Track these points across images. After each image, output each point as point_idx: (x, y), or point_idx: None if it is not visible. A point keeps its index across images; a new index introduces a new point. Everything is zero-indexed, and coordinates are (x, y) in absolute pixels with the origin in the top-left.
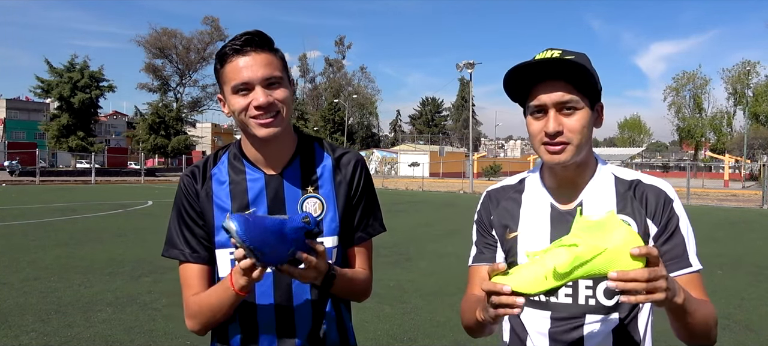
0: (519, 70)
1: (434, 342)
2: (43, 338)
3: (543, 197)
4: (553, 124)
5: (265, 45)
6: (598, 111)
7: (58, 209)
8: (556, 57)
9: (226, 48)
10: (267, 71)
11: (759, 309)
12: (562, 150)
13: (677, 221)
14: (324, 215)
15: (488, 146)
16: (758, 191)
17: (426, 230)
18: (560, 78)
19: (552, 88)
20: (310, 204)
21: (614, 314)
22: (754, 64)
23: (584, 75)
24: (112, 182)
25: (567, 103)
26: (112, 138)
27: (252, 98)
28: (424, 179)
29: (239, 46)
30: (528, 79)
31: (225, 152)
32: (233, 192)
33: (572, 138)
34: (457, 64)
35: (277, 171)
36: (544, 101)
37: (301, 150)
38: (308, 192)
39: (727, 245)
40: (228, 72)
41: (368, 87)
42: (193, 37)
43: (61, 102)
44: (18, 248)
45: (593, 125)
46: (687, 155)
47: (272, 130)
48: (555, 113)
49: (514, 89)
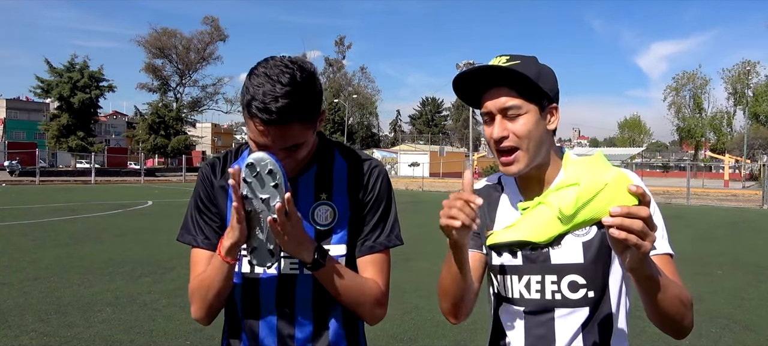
0: (463, 78)
1: (434, 342)
2: (43, 338)
3: (515, 197)
4: (498, 130)
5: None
6: (551, 112)
7: (58, 209)
8: (497, 65)
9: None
10: (288, 142)
11: (759, 309)
12: (514, 160)
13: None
14: (335, 223)
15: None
16: (758, 191)
17: (426, 230)
18: (503, 84)
19: (496, 94)
20: (321, 211)
21: (583, 308)
22: (754, 64)
23: (525, 81)
24: (112, 182)
25: (509, 110)
26: (112, 138)
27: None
28: (424, 179)
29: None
30: (478, 87)
31: (247, 149)
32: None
33: (520, 143)
34: (457, 64)
35: (293, 175)
36: (489, 108)
37: (319, 156)
38: (321, 199)
39: (727, 245)
40: (249, 123)
41: (368, 87)
42: (193, 37)
43: (61, 102)
44: (18, 248)
45: (545, 127)
46: (687, 155)
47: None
48: (500, 119)
49: (468, 97)
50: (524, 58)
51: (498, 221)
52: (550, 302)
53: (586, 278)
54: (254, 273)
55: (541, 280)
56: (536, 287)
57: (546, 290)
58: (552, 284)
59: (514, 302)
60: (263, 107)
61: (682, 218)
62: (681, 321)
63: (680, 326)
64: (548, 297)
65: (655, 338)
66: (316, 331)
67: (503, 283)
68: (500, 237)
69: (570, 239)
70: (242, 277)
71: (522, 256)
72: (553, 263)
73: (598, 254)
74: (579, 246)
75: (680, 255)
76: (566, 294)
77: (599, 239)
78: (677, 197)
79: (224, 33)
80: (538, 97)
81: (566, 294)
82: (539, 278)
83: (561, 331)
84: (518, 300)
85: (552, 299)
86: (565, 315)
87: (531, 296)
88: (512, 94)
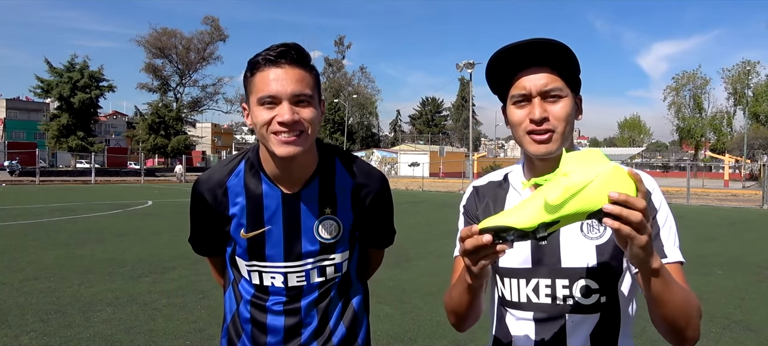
0: (504, 54)
1: (434, 342)
2: (43, 338)
3: (525, 194)
4: (539, 111)
5: (301, 60)
6: (578, 103)
7: (58, 209)
8: (545, 39)
9: (259, 56)
10: (297, 87)
11: (759, 309)
12: (548, 139)
13: (655, 213)
14: (339, 236)
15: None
16: (758, 190)
17: (426, 230)
18: (545, 64)
19: (536, 74)
20: (326, 226)
21: (594, 313)
22: (754, 64)
23: (569, 61)
24: (112, 182)
25: (552, 91)
26: (112, 138)
27: (277, 113)
28: (424, 179)
29: (273, 57)
30: (511, 67)
31: (242, 160)
32: (249, 209)
33: (557, 126)
34: (457, 64)
35: (295, 189)
36: (528, 88)
37: (321, 169)
38: (326, 213)
39: (727, 245)
40: (256, 82)
41: (368, 87)
42: (193, 37)
43: (61, 102)
44: (18, 248)
45: (576, 117)
46: (687, 155)
47: (293, 150)
48: (540, 101)
49: (497, 77)
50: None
51: None
52: (561, 308)
53: (599, 283)
54: (263, 285)
55: (551, 284)
56: (546, 292)
57: (557, 295)
58: (563, 288)
59: (521, 306)
60: (275, 49)
61: (682, 218)
62: (686, 327)
63: (684, 333)
64: (560, 302)
65: (654, 338)
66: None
67: (509, 286)
68: (489, 222)
69: (583, 242)
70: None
71: (531, 258)
72: (564, 266)
73: (612, 257)
74: (592, 249)
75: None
76: (579, 299)
77: (613, 242)
78: (677, 197)
79: (224, 33)
80: (575, 83)
81: (579, 299)
82: (549, 282)
83: (571, 338)
84: (526, 305)
85: (563, 304)
86: (577, 322)
87: (540, 301)
88: (554, 76)
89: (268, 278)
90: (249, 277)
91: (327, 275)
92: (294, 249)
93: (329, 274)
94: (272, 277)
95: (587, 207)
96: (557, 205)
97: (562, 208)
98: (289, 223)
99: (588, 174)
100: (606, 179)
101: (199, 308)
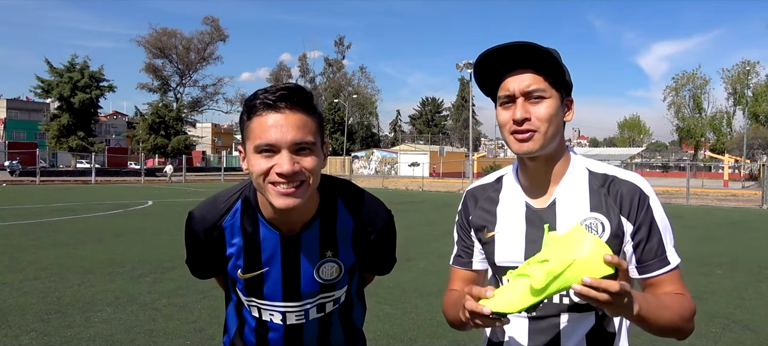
0: (488, 57)
1: (434, 342)
2: (43, 338)
3: (518, 195)
4: (520, 111)
5: (303, 104)
6: (568, 105)
7: (58, 209)
8: (528, 42)
9: (257, 100)
10: (298, 135)
11: (759, 309)
12: (529, 138)
13: (652, 218)
14: (340, 277)
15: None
16: (758, 190)
17: (426, 230)
18: (528, 66)
19: (520, 75)
20: (327, 268)
21: (590, 312)
22: (753, 64)
23: (552, 64)
24: (112, 182)
25: (534, 92)
26: (112, 138)
27: (275, 163)
28: (424, 179)
29: (272, 101)
30: (498, 71)
31: (238, 200)
32: (246, 251)
33: (539, 126)
34: (457, 64)
35: (295, 232)
36: (512, 89)
37: (322, 211)
38: (327, 256)
39: (727, 245)
40: (254, 127)
41: (368, 87)
42: (193, 37)
43: (62, 102)
44: (18, 248)
45: (563, 118)
46: (687, 155)
47: (292, 203)
48: (522, 101)
49: (485, 81)
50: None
51: (500, 221)
52: (557, 307)
53: None
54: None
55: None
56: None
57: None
58: None
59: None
60: (274, 92)
61: (681, 218)
62: (677, 332)
63: (675, 336)
64: (555, 301)
65: (653, 337)
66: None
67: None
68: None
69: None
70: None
71: (525, 254)
72: None
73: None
74: None
75: (680, 255)
76: (574, 299)
77: (612, 243)
78: (677, 197)
79: (224, 33)
80: (561, 85)
81: (574, 299)
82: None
83: (566, 338)
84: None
85: (560, 302)
86: (571, 321)
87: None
88: (538, 78)
89: (266, 314)
90: (249, 310)
91: (326, 311)
92: (293, 290)
93: (328, 309)
94: (271, 314)
95: (569, 285)
96: (540, 288)
97: (545, 290)
98: (287, 265)
99: (567, 257)
100: (583, 263)
101: (199, 308)
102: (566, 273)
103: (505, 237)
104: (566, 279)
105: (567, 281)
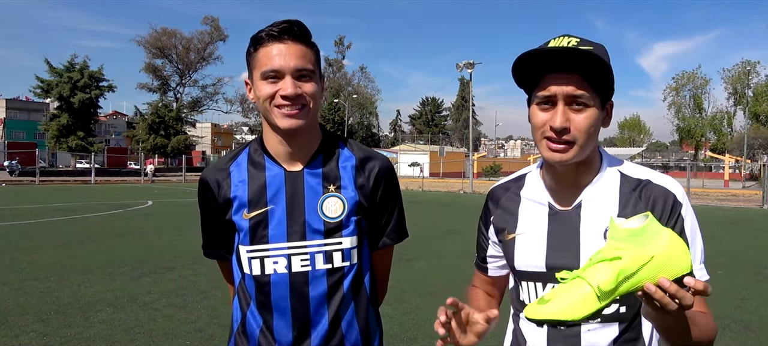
0: (531, 56)
1: (434, 342)
2: (43, 338)
3: (542, 196)
4: (561, 119)
5: (303, 36)
6: (608, 110)
7: (58, 209)
8: (572, 46)
9: (263, 32)
10: (300, 62)
11: (759, 309)
12: (565, 150)
13: (682, 228)
14: (344, 216)
15: (488, 146)
16: (758, 190)
17: (426, 230)
18: (575, 70)
19: (565, 79)
20: (330, 203)
21: (613, 324)
22: (754, 64)
23: (601, 70)
24: (111, 182)
25: (579, 99)
26: (112, 138)
27: (280, 87)
28: (424, 179)
29: (276, 33)
30: (540, 65)
31: (246, 148)
32: (251, 188)
33: (578, 137)
34: (457, 64)
35: (298, 167)
36: (554, 92)
37: (324, 147)
38: (330, 191)
39: (727, 244)
40: (260, 56)
41: (368, 87)
42: (193, 37)
43: (61, 102)
44: (18, 248)
45: (601, 125)
46: (687, 155)
47: (296, 123)
48: (564, 107)
49: (524, 75)
50: (596, 44)
51: (521, 222)
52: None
53: None
54: (265, 274)
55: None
56: None
57: None
58: None
59: None
60: (278, 25)
61: None
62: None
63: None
64: None
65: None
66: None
67: (526, 289)
68: (536, 313)
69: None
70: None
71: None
72: None
73: None
74: None
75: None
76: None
77: None
78: None
79: (224, 33)
80: (605, 92)
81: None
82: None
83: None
84: None
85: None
86: (593, 330)
87: None
88: (583, 84)
89: (270, 265)
90: (250, 269)
91: (334, 263)
92: (297, 228)
93: (337, 261)
94: (275, 262)
95: (639, 288)
96: (610, 290)
97: (615, 292)
98: (291, 200)
99: (641, 255)
100: (662, 260)
101: (199, 308)
102: (641, 272)
103: (526, 240)
104: (639, 279)
105: (639, 282)
